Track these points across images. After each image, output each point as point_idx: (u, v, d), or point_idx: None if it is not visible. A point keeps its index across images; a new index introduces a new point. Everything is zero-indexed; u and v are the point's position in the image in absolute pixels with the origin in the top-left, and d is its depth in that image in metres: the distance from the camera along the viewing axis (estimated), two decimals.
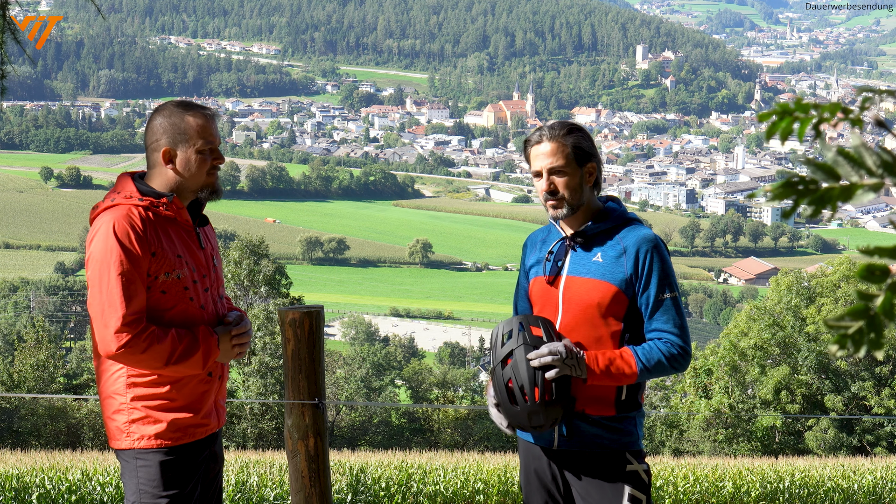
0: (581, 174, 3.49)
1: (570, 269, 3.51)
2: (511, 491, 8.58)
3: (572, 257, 3.52)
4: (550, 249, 3.56)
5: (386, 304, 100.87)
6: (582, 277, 3.48)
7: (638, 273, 3.44)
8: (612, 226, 3.51)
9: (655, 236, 3.51)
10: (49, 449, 18.42)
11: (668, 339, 3.43)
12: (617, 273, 3.44)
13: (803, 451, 26.89)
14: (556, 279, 3.53)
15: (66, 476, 8.17)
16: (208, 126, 3.49)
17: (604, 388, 3.46)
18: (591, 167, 3.51)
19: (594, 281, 3.46)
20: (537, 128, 3.55)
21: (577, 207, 3.50)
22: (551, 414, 3.38)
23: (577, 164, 3.49)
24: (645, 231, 3.51)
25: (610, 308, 3.44)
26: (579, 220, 3.53)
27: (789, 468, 10.59)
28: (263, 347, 27.04)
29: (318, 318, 4.40)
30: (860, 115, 1.41)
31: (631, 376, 3.40)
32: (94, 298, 3.35)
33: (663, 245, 3.52)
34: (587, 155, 3.50)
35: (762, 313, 30.01)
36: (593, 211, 3.54)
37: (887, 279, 1.34)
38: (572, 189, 3.48)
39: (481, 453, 14.54)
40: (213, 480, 3.66)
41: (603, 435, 3.48)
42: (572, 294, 3.48)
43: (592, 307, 3.45)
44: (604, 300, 3.44)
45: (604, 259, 3.47)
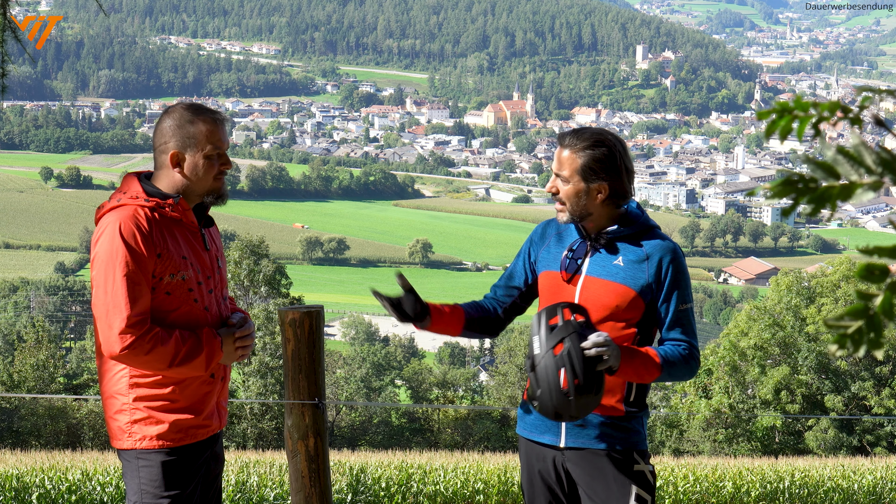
0: (586, 189, 3.44)
1: (590, 269, 3.49)
2: (511, 491, 8.58)
3: (593, 258, 3.50)
4: (570, 247, 3.54)
5: None
6: (602, 279, 3.47)
7: (659, 281, 3.45)
8: (636, 231, 3.50)
9: (677, 246, 3.52)
10: (49, 449, 18.43)
11: (686, 347, 3.47)
12: (638, 279, 3.44)
13: (803, 451, 26.90)
14: (573, 278, 3.51)
15: (66, 476, 8.17)
16: (217, 131, 3.48)
17: (614, 387, 3.46)
18: (599, 186, 3.44)
19: (614, 284, 3.45)
20: (573, 129, 3.52)
21: (580, 217, 3.47)
22: (594, 404, 3.31)
23: (584, 179, 3.44)
24: (668, 241, 3.51)
25: (626, 312, 3.44)
26: (601, 222, 3.50)
27: (789, 468, 10.59)
28: (263, 347, 27.04)
29: (318, 318, 4.40)
30: (859, 114, 1.41)
31: (653, 374, 3.40)
32: (99, 299, 3.35)
33: (682, 255, 3.53)
34: (597, 174, 3.43)
35: (762, 313, 30.02)
36: (614, 216, 3.51)
37: (887, 279, 1.34)
38: (572, 199, 3.45)
39: (481, 453, 14.54)
40: (214, 481, 3.67)
41: (612, 434, 3.48)
42: (590, 294, 3.47)
43: (610, 310, 3.44)
44: (622, 304, 3.43)
45: (625, 263, 3.46)
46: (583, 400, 3.28)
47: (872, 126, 1.42)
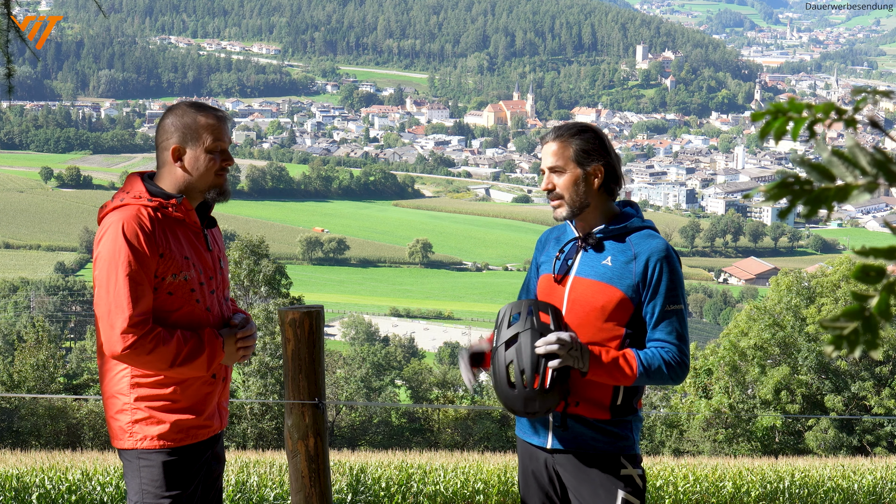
0: (583, 175, 3.45)
1: (579, 269, 3.49)
2: (511, 491, 8.58)
3: (582, 258, 3.50)
4: (562, 248, 3.54)
5: (386, 304, 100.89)
6: (589, 279, 3.46)
7: (646, 282, 3.41)
8: (626, 230, 3.48)
9: (668, 246, 3.48)
10: (49, 449, 18.43)
11: (671, 350, 3.41)
12: (625, 279, 3.42)
13: (803, 451, 26.90)
14: (563, 278, 3.51)
15: (66, 476, 8.18)
16: (219, 127, 3.49)
17: (599, 391, 3.45)
18: (595, 169, 3.46)
19: (601, 284, 3.44)
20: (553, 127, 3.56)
21: (579, 209, 3.47)
22: (547, 402, 3.36)
23: (579, 164, 3.45)
24: (658, 240, 3.48)
25: (614, 313, 3.42)
26: (592, 221, 3.50)
27: (789, 468, 10.59)
28: (263, 347, 27.04)
29: (318, 318, 4.40)
30: (854, 115, 1.40)
31: (630, 378, 3.37)
32: (101, 298, 3.36)
33: (675, 256, 3.49)
34: (591, 156, 3.46)
35: (762, 313, 30.02)
36: (607, 214, 3.51)
37: (883, 280, 1.34)
38: (570, 189, 3.45)
39: (481, 453, 14.54)
40: (215, 481, 3.67)
41: (597, 437, 3.47)
42: (578, 295, 3.47)
43: (597, 310, 3.43)
44: (609, 304, 3.42)
45: (613, 263, 3.45)
46: (530, 395, 3.34)
47: (871, 127, 1.42)
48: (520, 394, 3.35)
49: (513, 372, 3.37)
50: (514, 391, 3.36)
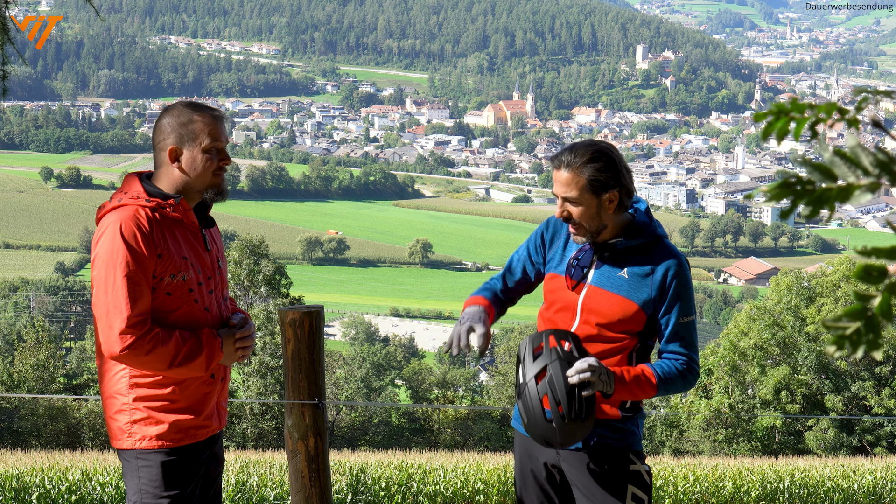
0: (598, 203, 3.43)
1: (595, 279, 3.50)
2: (511, 491, 8.58)
3: (599, 269, 3.51)
4: (576, 255, 3.54)
5: (386, 304, 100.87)
6: (605, 291, 3.47)
7: (662, 294, 3.45)
8: (643, 243, 3.49)
9: (682, 259, 3.51)
10: (49, 449, 18.43)
11: (685, 362, 3.49)
12: (641, 293, 3.45)
13: (803, 451, 26.90)
14: (577, 285, 3.51)
15: (66, 476, 8.17)
16: (216, 126, 3.49)
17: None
18: (610, 196, 3.43)
19: (617, 297, 3.46)
20: (563, 149, 3.50)
21: (597, 232, 3.47)
22: (584, 430, 3.36)
23: (594, 194, 3.42)
24: (673, 253, 3.50)
25: (627, 324, 3.46)
26: (608, 234, 3.50)
27: (789, 468, 10.59)
28: (263, 347, 27.03)
29: (318, 318, 4.40)
30: (856, 115, 1.40)
31: (649, 392, 3.43)
32: (100, 299, 3.35)
33: (687, 266, 3.53)
34: (605, 185, 3.42)
35: (762, 313, 30.01)
36: (622, 224, 3.51)
37: (885, 280, 1.34)
38: (588, 218, 3.45)
39: (481, 453, 14.54)
40: (214, 481, 3.67)
41: (607, 434, 3.50)
42: (593, 305, 3.48)
43: (611, 320, 3.46)
44: (624, 316, 3.45)
45: (630, 276, 3.46)
46: (568, 427, 3.32)
47: (873, 126, 1.43)
48: (558, 426, 3.33)
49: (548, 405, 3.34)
50: (551, 424, 3.34)
